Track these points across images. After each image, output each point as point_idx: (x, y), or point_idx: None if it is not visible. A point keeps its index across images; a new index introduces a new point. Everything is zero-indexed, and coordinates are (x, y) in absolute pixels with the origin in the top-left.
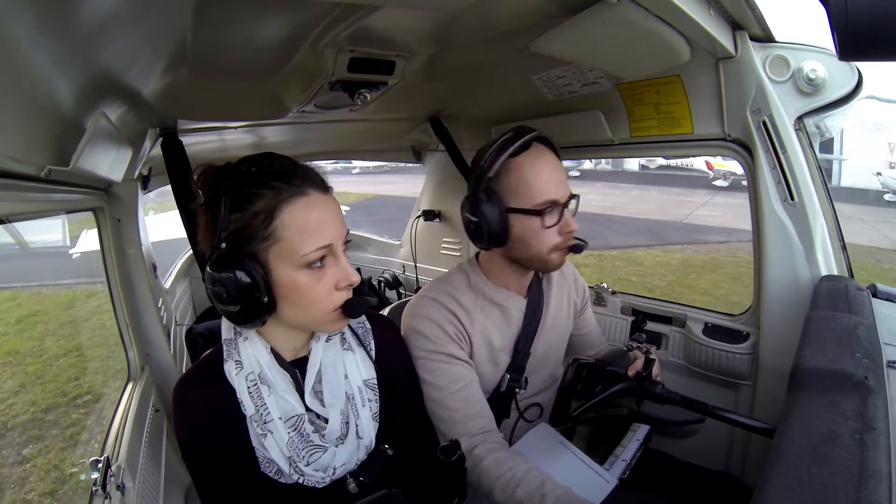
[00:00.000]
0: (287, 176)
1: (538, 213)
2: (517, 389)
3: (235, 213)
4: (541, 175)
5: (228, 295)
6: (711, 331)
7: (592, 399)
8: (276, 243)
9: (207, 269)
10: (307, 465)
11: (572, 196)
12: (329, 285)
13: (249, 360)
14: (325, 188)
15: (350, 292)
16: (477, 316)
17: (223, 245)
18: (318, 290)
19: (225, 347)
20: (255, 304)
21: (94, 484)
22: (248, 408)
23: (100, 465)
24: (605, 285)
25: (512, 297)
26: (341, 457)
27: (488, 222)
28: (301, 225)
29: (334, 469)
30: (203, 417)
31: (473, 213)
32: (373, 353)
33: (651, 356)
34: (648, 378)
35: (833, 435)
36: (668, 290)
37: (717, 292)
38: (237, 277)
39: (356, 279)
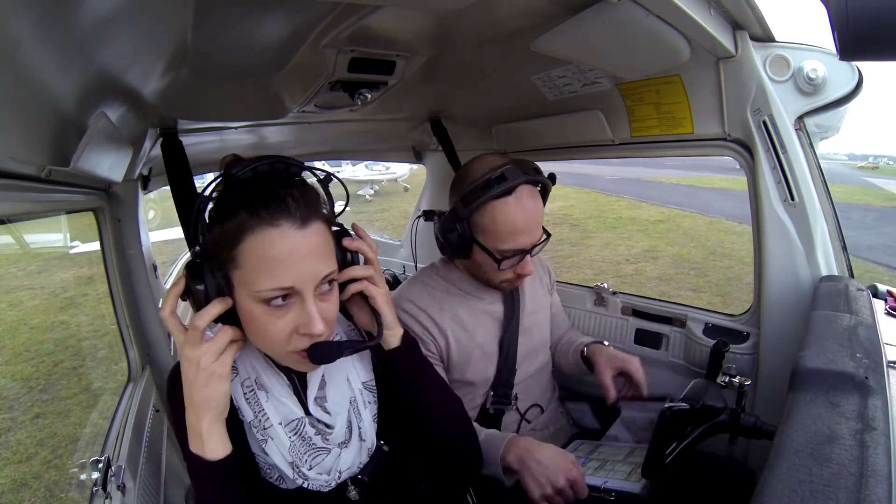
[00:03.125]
0: (261, 200)
1: (497, 258)
2: (508, 407)
3: (216, 223)
4: (512, 225)
5: (195, 301)
6: (712, 331)
7: (683, 441)
8: (237, 269)
9: (185, 267)
10: (310, 469)
11: (543, 236)
12: (288, 327)
13: (245, 365)
14: (303, 221)
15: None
16: (447, 303)
17: (197, 248)
18: (276, 328)
19: None
20: (219, 318)
21: (95, 484)
22: (247, 414)
23: (100, 465)
24: (605, 285)
25: (488, 295)
26: (346, 460)
27: (453, 245)
28: (259, 260)
29: (339, 472)
30: None
31: (444, 234)
32: (369, 354)
33: (743, 389)
34: (743, 411)
35: (833, 435)
36: None
37: None
38: (198, 289)
39: (318, 330)
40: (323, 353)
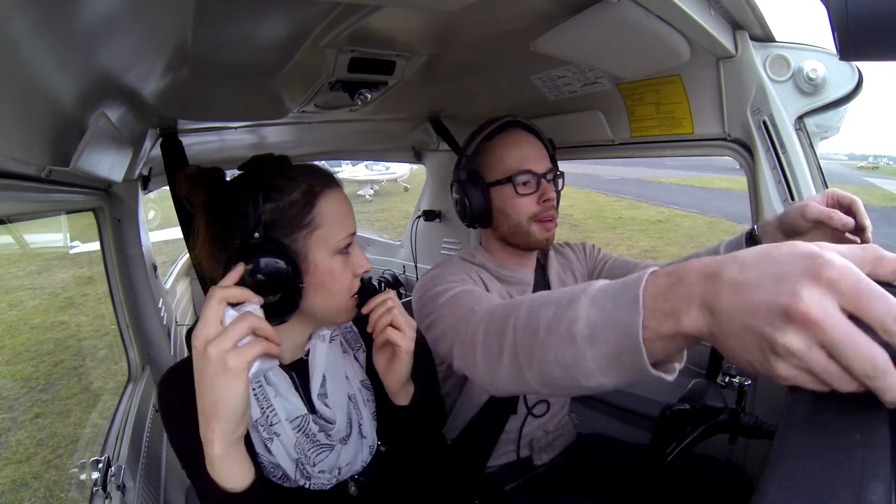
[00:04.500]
0: (314, 170)
1: (510, 180)
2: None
3: (268, 203)
4: (513, 150)
5: (270, 283)
6: None
7: (684, 440)
8: (316, 230)
9: (237, 260)
10: (314, 467)
11: (555, 172)
12: (351, 272)
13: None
14: (341, 185)
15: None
16: (491, 285)
17: (256, 235)
18: (346, 275)
19: None
20: (294, 290)
21: (95, 484)
22: (254, 411)
23: (100, 465)
24: None
25: (518, 271)
26: (345, 456)
27: (470, 198)
28: (335, 213)
29: (339, 469)
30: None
31: (458, 192)
32: (363, 354)
33: (743, 389)
34: (743, 411)
35: (833, 435)
36: None
37: None
38: (278, 264)
39: (369, 265)
40: (368, 291)
